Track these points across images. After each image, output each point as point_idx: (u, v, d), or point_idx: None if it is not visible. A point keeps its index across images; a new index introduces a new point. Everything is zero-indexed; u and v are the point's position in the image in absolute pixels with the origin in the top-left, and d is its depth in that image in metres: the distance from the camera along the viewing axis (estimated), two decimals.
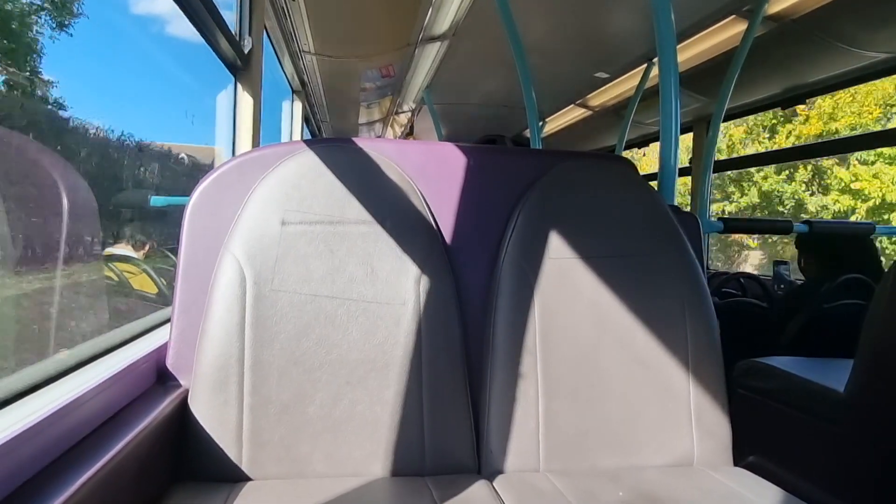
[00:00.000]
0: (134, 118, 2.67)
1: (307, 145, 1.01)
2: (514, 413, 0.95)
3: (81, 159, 1.56)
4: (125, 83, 2.33)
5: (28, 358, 0.78)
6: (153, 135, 2.21)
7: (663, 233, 1.06)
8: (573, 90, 3.68)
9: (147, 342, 0.97)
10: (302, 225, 0.93)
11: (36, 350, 0.88)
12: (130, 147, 1.92)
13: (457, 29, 2.69)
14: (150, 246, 2.05)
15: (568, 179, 1.07)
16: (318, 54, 3.33)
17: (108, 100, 2.13)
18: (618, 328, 1.00)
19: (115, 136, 1.79)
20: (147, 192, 1.91)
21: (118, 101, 2.16)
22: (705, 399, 1.00)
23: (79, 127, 1.64)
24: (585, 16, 2.47)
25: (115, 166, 1.84)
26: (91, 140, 1.68)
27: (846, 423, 1.10)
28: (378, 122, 5.81)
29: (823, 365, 1.39)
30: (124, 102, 2.28)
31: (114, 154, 1.86)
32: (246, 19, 1.73)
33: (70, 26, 2.06)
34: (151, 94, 2.63)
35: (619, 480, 0.91)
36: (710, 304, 1.05)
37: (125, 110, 2.31)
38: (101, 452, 0.63)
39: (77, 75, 1.97)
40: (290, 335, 0.89)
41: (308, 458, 0.88)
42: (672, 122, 1.49)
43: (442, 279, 0.97)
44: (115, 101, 2.16)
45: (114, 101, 2.17)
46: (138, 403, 0.81)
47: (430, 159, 1.06)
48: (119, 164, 1.88)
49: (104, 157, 1.78)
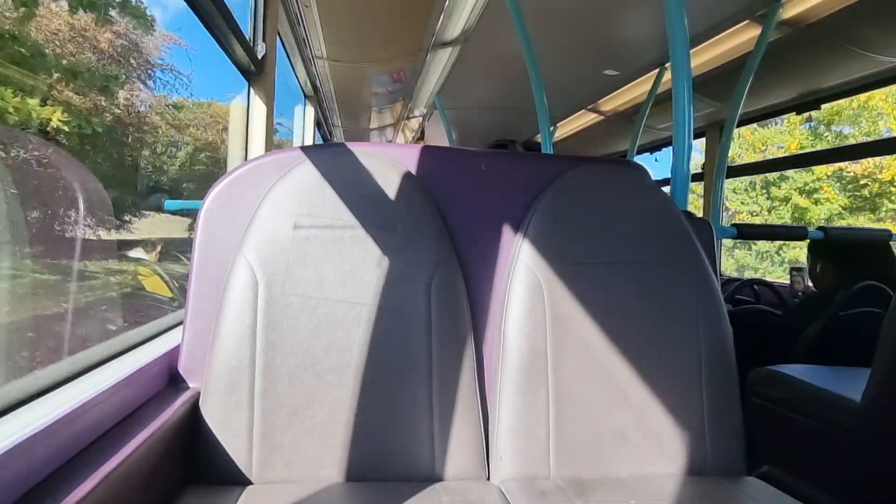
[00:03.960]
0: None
1: (319, 150, 1.02)
2: (525, 419, 0.94)
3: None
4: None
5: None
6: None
7: (676, 239, 1.05)
8: (585, 95, 3.67)
9: (159, 344, 0.98)
10: (314, 229, 0.94)
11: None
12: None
13: (468, 34, 2.69)
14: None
15: (580, 184, 1.07)
16: (330, 59, 3.36)
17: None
18: (630, 335, 0.99)
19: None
20: (162, 195, 1.94)
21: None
22: (719, 407, 0.99)
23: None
24: (597, 20, 2.46)
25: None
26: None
27: (862, 432, 1.08)
28: (389, 127, 5.83)
29: (839, 374, 1.36)
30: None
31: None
32: (260, 25, 1.75)
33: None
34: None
35: (631, 488, 0.90)
36: (724, 311, 1.03)
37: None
38: (112, 454, 0.63)
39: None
40: (302, 339, 0.90)
41: (318, 462, 0.88)
42: (685, 127, 1.48)
43: (453, 284, 0.97)
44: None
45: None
46: (150, 406, 0.81)
47: (441, 164, 1.06)
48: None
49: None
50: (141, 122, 4.17)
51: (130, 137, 3.96)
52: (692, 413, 0.98)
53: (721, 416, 0.99)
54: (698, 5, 2.06)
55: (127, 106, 3.86)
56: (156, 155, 4.88)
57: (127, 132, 3.88)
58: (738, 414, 1.01)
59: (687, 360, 0.99)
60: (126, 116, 3.84)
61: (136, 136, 4.09)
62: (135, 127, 4.02)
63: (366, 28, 2.95)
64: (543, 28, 2.45)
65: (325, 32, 2.92)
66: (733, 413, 1.00)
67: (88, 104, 3.21)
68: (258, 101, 1.72)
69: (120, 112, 3.72)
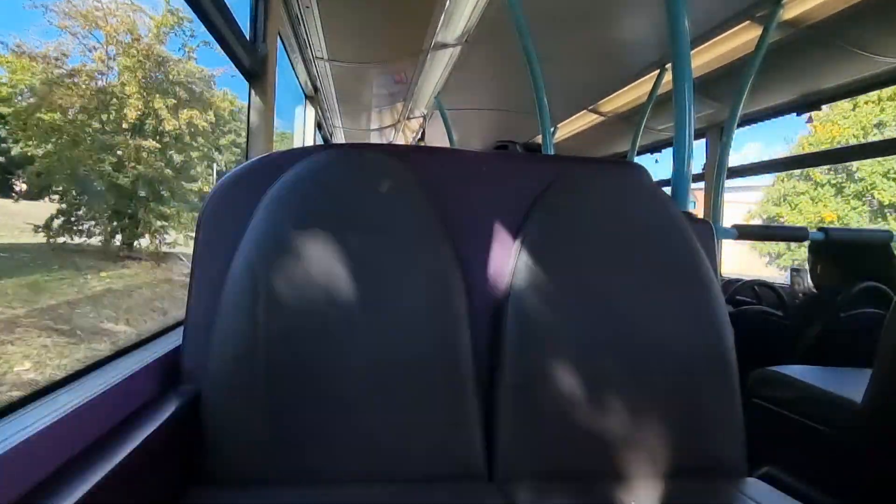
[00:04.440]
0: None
1: (319, 151, 1.02)
2: (526, 420, 0.94)
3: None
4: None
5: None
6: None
7: (677, 239, 1.05)
8: (585, 96, 3.68)
9: (161, 344, 0.98)
10: (314, 229, 0.94)
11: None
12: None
13: (469, 35, 2.70)
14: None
15: (580, 185, 1.07)
16: (331, 60, 3.36)
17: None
18: (630, 335, 0.99)
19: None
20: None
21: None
22: (719, 408, 0.99)
23: None
24: (598, 22, 2.47)
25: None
26: None
27: (863, 433, 1.08)
28: (390, 128, 5.84)
29: (840, 375, 1.37)
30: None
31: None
32: (261, 26, 1.75)
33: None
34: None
35: (631, 488, 0.90)
36: (725, 311, 1.03)
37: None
38: (113, 454, 0.64)
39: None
40: (302, 339, 0.90)
41: (318, 462, 0.88)
42: (686, 128, 1.48)
43: (453, 284, 0.97)
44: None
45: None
46: (151, 406, 0.81)
47: (441, 165, 1.06)
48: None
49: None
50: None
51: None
52: (692, 413, 0.98)
53: (721, 417, 0.99)
54: (699, 6, 2.06)
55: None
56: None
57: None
58: (739, 415, 1.00)
59: (687, 361, 0.99)
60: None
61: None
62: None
63: (366, 29, 2.95)
64: (544, 29, 2.46)
65: (325, 33, 2.93)
66: (734, 414, 1.00)
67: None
68: (259, 101, 1.72)
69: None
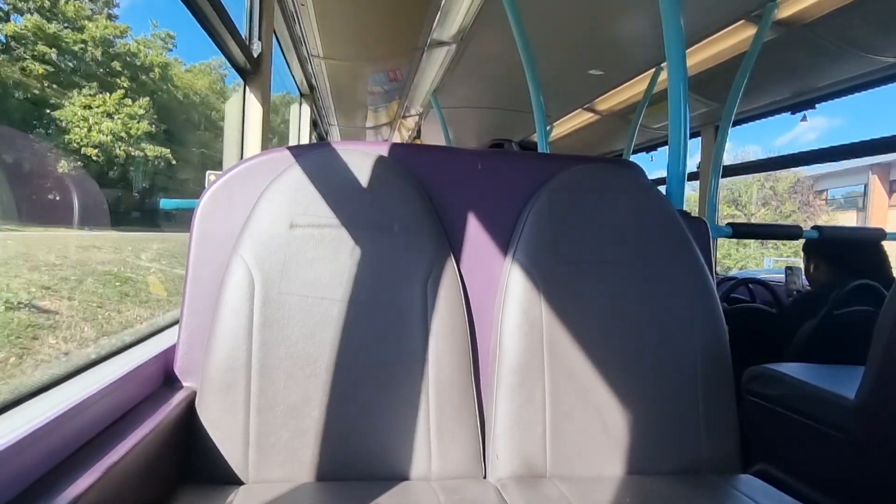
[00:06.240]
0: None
1: (315, 149, 1.01)
2: (521, 418, 0.94)
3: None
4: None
5: None
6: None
7: (672, 238, 1.05)
8: (581, 95, 3.67)
9: (155, 344, 0.98)
10: (310, 228, 0.94)
11: None
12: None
13: (464, 33, 2.69)
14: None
15: (576, 183, 1.07)
16: (326, 58, 3.35)
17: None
18: (626, 333, 0.99)
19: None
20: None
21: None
22: (714, 405, 0.99)
23: None
24: (593, 20, 2.47)
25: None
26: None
27: (856, 430, 1.09)
28: (385, 126, 5.82)
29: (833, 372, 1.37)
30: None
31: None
32: (256, 23, 1.74)
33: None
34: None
35: (627, 487, 0.91)
36: (719, 309, 1.04)
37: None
38: (108, 454, 0.63)
39: None
40: (298, 338, 0.90)
41: (314, 461, 0.88)
42: (681, 126, 1.48)
43: (449, 283, 0.97)
44: None
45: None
46: (146, 405, 0.81)
47: (437, 163, 1.06)
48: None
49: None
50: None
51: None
52: (687, 411, 0.98)
53: (716, 414, 0.99)
54: (694, 5, 2.07)
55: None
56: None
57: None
58: (734, 412, 1.01)
59: (682, 359, 1.00)
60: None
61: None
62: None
63: (362, 26, 2.94)
64: (540, 27, 2.45)
65: (321, 30, 2.92)
66: (728, 411, 1.00)
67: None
68: (254, 99, 1.71)
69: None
